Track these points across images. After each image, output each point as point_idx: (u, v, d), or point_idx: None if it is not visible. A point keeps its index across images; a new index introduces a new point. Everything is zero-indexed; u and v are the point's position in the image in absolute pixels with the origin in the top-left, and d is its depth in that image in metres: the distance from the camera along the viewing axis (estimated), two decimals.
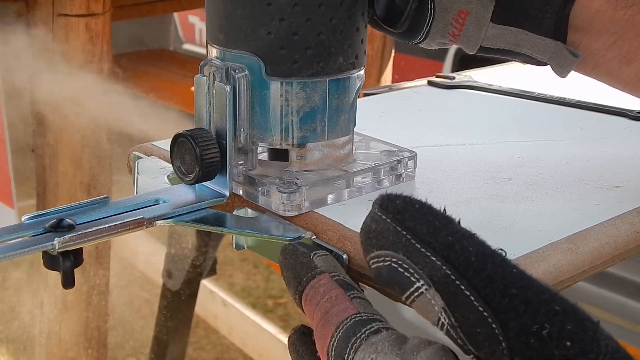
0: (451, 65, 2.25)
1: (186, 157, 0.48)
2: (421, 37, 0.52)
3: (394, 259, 0.36)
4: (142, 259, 2.25)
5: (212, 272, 1.94)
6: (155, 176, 0.52)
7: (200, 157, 0.47)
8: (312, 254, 0.43)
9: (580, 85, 0.53)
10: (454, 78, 0.84)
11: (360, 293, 0.40)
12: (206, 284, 2.13)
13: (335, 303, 0.40)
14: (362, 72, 0.50)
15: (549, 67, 0.53)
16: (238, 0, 0.47)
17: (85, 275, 1.65)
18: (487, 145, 0.62)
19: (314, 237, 0.46)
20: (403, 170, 0.52)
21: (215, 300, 2.20)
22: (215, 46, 0.49)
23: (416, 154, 0.52)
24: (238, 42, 0.48)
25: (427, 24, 0.51)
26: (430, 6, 0.51)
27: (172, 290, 1.88)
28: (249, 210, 0.49)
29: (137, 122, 1.49)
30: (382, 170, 0.51)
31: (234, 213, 0.49)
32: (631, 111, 0.70)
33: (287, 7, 0.46)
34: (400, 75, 1.92)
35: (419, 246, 0.35)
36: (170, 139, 0.64)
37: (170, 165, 0.53)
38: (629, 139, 0.66)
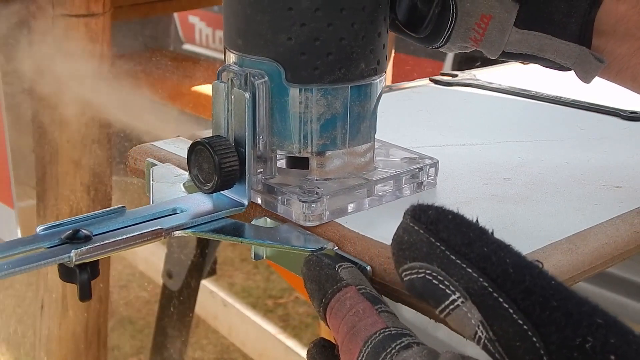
0: (451, 66, 2.24)
1: (204, 165, 0.47)
2: (442, 42, 0.51)
3: (428, 271, 0.35)
4: (142, 259, 2.24)
5: (212, 272, 1.93)
6: (171, 184, 0.51)
7: (218, 166, 0.46)
8: (337, 266, 0.42)
9: (578, 85, 0.54)
10: (456, 76, 0.84)
11: (388, 307, 0.39)
12: (206, 284, 2.11)
13: (363, 317, 0.39)
14: (383, 77, 0.49)
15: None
16: (258, 5, 0.46)
17: None
18: (487, 145, 0.62)
19: (336, 248, 0.45)
20: (424, 178, 0.51)
21: (215, 300, 2.19)
22: (234, 52, 0.48)
23: (437, 161, 0.51)
24: (257, 48, 0.46)
25: (449, 29, 0.50)
26: (452, 10, 0.49)
27: (172, 290, 1.87)
28: (268, 219, 0.48)
29: (137, 122, 1.48)
30: (404, 178, 0.50)
31: (252, 222, 0.48)
32: (624, 111, 0.70)
33: (308, 12, 0.45)
34: (401, 75, 1.91)
35: (454, 257, 0.34)
36: (170, 139, 0.64)
37: (186, 172, 0.52)
38: (629, 139, 0.65)
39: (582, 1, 0.49)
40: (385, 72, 0.49)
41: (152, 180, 0.52)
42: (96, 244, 0.43)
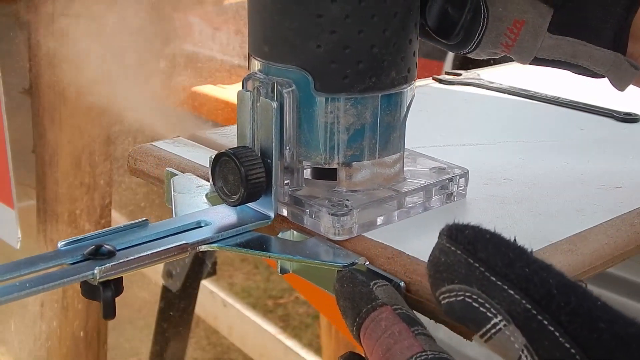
0: (451, 66, 2.23)
1: (229, 177, 0.46)
2: (471, 47, 0.50)
3: (467, 293, 0.34)
4: None
5: (212, 272, 1.92)
6: (193, 195, 0.50)
7: (245, 177, 0.44)
8: (371, 284, 0.40)
9: (578, 85, 0.53)
10: (460, 75, 0.83)
11: (425, 329, 0.38)
12: (206, 284, 2.10)
13: (399, 339, 0.37)
14: (413, 86, 0.47)
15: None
16: (286, 11, 0.44)
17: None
18: (487, 145, 0.62)
19: (367, 263, 0.43)
20: (454, 189, 0.49)
21: (215, 301, 2.18)
22: (259, 59, 0.46)
23: (467, 171, 0.50)
24: (285, 56, 0.45)
25: (479, 34, 0.49)
26: (484, 15, 0.48)
27: (172, 290, 1.85)
28: (294, 232, 0.47)
29: (137, 122, 1.46)
30: (434, 189, 0.48)
31: (278, 236, 0.47)
32: (618, 112, 0.69)
33: (338, 19, 0.43)
34: None
35: (494, 279, 0.33)
36: (170, 139, 0.63)
37: (208, 182, 0.51)
38: (629, 139, 0.65)
39: (618, 6, 0.47)
40: (415, 80, 0.48)
41: (174, 192, 0.50)
42: (121, 261, 0.41)
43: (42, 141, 1.57)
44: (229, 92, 1.49)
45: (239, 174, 0.45)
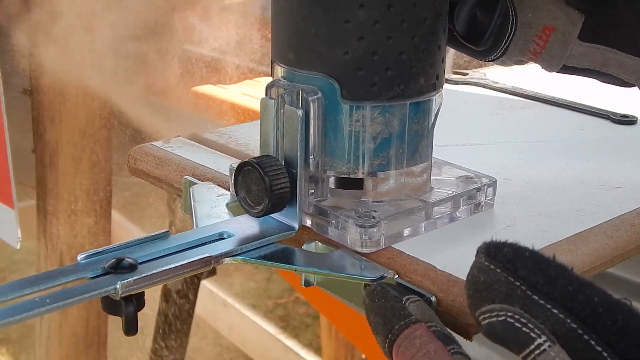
0: (452, 66, 2.22)
1: (252, 187, 0.44)
2: (497, 54, 0.48)
3: (509, 313, 0.32)
4: None
5: (212, 272, 1.91)
6: (214, 205, 0.48)
7: (269, 188, 0.43)
8: (404, 299, 0.39)
9: (578, 86, 0.53)
10: (467, 74, 0.83)
11: (461, 348, 0.37)
12: (206, 284, 2.09)
13: (434, 358, 0.36)
14: (441, 93, 0.46)
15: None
16: (312, 17, 0.43)
17: None
18: (487, 145, 0.61)
19: (396, 276, 0.42)
20: (482, 199, 0.48)
21: (215, 301, 2.17)
22: (283, 66, 0.45)
23: (495, 180, 0.49)
24: (311, 63, 0.44)
25: (507, 41, 0.47)
26: (512, 21, 0.47)
27: (172, 291, 1.84)
28: (319, 244, 0.45)
29: (137, 122, 1.45)
30: (462, 199, 0.47)
31: (303, 247, 0.45)
32: (615, 114, 0.69)
33: (367, 24, 0.42)
34: None
35: (536, 298, 0.32)
36: (170, 139, 0.61)
37: (228, 191, 0.50)
38: (629, 139, 0.65)
39: None
40: (443, 87, 0.46)
41: (194, 201, 0.49)
42: (143, 275, 0.40)
43: (42, 141, 1.56)
44: (229, 92, 1.48)
45: (263, 184, 0.43)
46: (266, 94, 0.45)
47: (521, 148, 0.61)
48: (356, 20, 0.42)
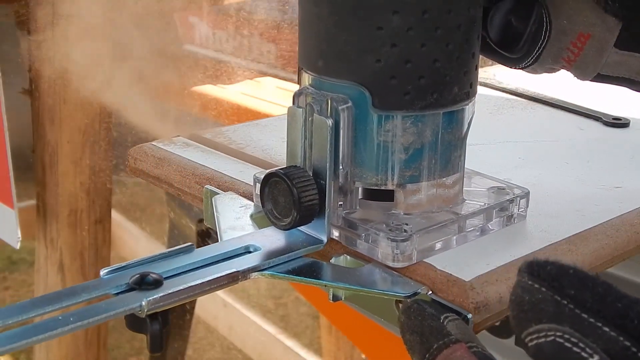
0: None
1: (280, 199, 0.43)
2: (529, 62, 0.47)
3: (558, 333, 0.31)
4: None
5: None
6: (237, 216, 0.47)
7: (298, 200, 0.41)
8: (442, 317, 0.38)
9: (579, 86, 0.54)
10: None
11: None
12: None
13: None
14: (474, 101, 0.45)
15: None
16: (343, 23, 0.41)
17: (85, 276, 1.61)
18: (487, 145, 0.61)
19: (430, 292, 0.41)
20: (515, 210, 0.46)
21: (215, 301, 2.15)
22: (312, 73, 0.43)
23: (529, 192, 0.47)
24: (341, 71, 0.42)
25: (539, 48, 0.46)
26: (546, 27, 0.45)
27: None
28: (348, 257, 0.44)
29: (137, 121, 1.44)
30: (494, 211, 0.46)
31: (331, 261, 0.44)
32: (607, 116, 0.68)
33: (400, 31, 0.41)
34: None
35: (585, 316, 0.31)
36: (170, 139, 0.60)
37: (251, 202, 0.48)
38: (629, 139, 0.64)
39: None
40: (476, 96, 0.45)
41: (217, 212, 0.47)
42: (169, 292, 0.38)
43: (42, 141, 1.55)
44: (229, 92, 1.47)
45: (291, 196, 0.42)
46: (293, 103, 0.44)
47: (521, 148, 0.61)
48: (389, 27, 0.41)
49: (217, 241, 0.44)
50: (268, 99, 1.40)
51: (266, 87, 1.47)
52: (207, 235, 1.62)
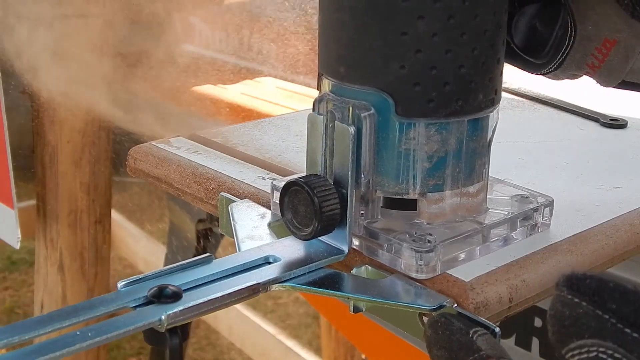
0: None
1: (300, 208, 0.42)
2: (551, 68, 0.46)
3: (601, 349, 0.30)
4: (142, 259, 2.18)
5: None
6: (255, 225, 0.46)
7: (319, 209, 0.40)
8: (471, 332, 0.37)
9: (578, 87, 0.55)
10: None
11: None
12: None
13: None
14: (498, 108, 0.44)
15: None
16: (366, 29, 0.40)
17: (85, 275, 1.60)
18: None
19: (455, 305, 0.40)
20: (539, 220, 0.45)
21: None
22: (332, 79, 0.42)
23: (553, 200, 0.46)
24: (364, 77, 0.41)
25: (563, 54, 0.45)
26: (570, 33, 0.44)
27: None
28: (369, 268, 0.43)
29: (137, 122, 1.43)
30: (518, 220, 0.45)
31: (352, 272, 0.43)
32: (604, 117, 0.68)
33: (425, 37, 0.40)
34: None
35: (629, 331, 0.30)
36: (170, 139, 0.59)
37: (269, 210, 0.47)
38: (628, 139, 0.64)
39: None
40: (500, 103, 0.44)
41: (234, 221, 0.46)
42: (189, 305, 0.37)
43: (42, 141, 1.54)
44: (229, 92, 1.46)
45: (312, 206, 0.41)
46: (314, 109, 0.42)
47: (521, 148, 0.60)
48: (414, 33, 0.39)
49: (217, 241, 0.43)
50: (268, 99, 1.39)
51: (266, 87, 1.46)
52: (206, 236, 1.61)
